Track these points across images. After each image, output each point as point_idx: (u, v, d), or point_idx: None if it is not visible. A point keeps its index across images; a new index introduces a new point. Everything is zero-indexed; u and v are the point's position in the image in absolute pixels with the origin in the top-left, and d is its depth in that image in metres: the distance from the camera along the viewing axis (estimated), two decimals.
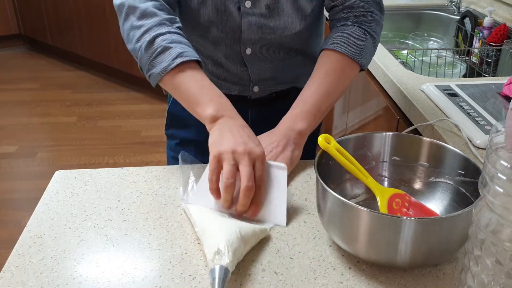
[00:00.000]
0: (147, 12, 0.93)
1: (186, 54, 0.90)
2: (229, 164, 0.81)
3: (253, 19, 1.01)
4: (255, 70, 1.10)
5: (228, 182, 0.80)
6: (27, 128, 3.24)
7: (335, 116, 2.12)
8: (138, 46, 0.92)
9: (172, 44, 0.90)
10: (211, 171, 0.82)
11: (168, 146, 1.25)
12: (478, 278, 0.60)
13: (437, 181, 0.83)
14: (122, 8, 0.95)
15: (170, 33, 0.92)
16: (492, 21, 1.72)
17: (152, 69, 0.92)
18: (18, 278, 0.72)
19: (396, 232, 0.66)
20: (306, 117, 0.96)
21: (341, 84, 1.01)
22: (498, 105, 1.20)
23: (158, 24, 0.92)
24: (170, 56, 0.90)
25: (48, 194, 0.91)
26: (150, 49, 0.91)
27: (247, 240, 0.75)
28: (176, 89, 0.92)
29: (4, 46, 4.43)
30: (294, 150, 0.94)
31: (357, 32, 1.01)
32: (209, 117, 0.88)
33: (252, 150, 0.82)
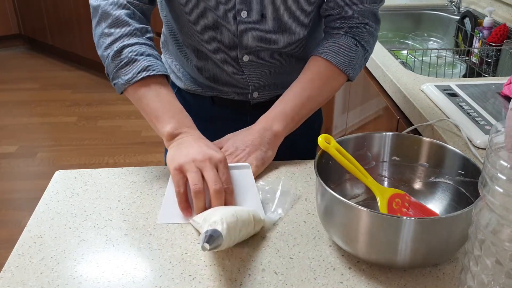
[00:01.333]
0: (119, 21, 0.92)
1: (152, 68, 0.91)
2: (193, 172, 0.81)
3: (249, 29, 1.01)
4: (253, 76, 1.09)
5: (197, 187, 0.80)
6: (27, 128, 3.24)
7: (335, 116, 2.12)
8: (106, 54, 0.93)
9: (139, 57, 0.91)
10: (176, 183, 0.82)
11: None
12: (478, 278, 0.60)
13: (437, 181, 0.83)
14: (96, 12, 0.95)
15: (139, 44, 0.92)
16: (492, 21, 1.72)
17: (116, 79, 0.93)
18: (18, 278, 0.72)
19: (396, 232, 0.66)
20: (285, 119, 0.97)
21: (325, 91, 1.01)
22: (498, 105, 1.20)
23: (128, 34, 0.92)
24: (136, 68, 0.90)
25: (48, 194, 0.91)
26: (116, 59, 0.91)
27: (242, 222, 0.75)
28: (138, 102, 0.93)
29: (4, 46, 4.44)
30: (267, 150, 0.95)
31: (349, 43, 1.00)
32: (167, 134, 0.89)
33: (212, 155, 0.83)
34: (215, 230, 0.69)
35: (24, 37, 4.44)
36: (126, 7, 0.94)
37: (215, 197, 0.81)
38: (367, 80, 1.62)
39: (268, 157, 0.95)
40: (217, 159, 0.83)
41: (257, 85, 1.11)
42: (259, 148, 0.94)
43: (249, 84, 1.10)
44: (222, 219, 0.72)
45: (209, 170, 0.81)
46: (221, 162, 0.84)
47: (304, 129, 1.18)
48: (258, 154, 0.94)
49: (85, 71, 3.99)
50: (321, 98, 1.02)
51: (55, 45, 4.17)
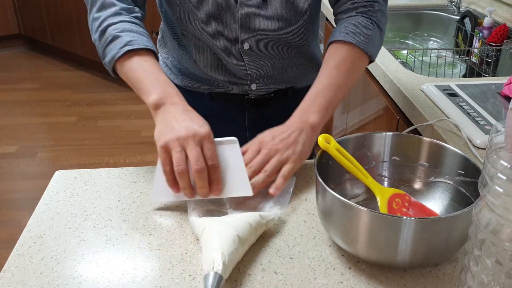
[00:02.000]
0: (106, 3, 0.96)
1: (135, 42, 0.92)
2: (176, 151, 0.81)
3: (250, 12, 1.01)
4: (253, 66, 1.09)
5: (179, 169, 0.80)
6: (27, 128, 3.24)
7: (335, 116, 2.12)
8: (96, 36, 0.96)
9: (122, 33, 0.92)
10: (162, 162, 0.83)
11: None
12: (478, 278, 0.60)
13: (437, 181, 0.83)
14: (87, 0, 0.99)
15: (123, 22, 0.94)
16: (492, 21, 1.72)
17: (105, 58, 0.94)
18: (18, 278, 0.72)
19: (396, 232, 0.66)
20: (319, 110, 0.94)
21: (352, 76, 0.99)
22: (498, 105, 1.20)
23: (113, 14, 0.95)
24: (119, 44, 0.92)
25: (48, 194, 0.91)
26: (102, 39, 0.94)
27: (245, 240, 0.75)
28: (126, 77, 0.94)
29: (4, 46, 4.43)
30: (304, 144, 0.90)
31: (364, 22, 1.00)
32: (152, 103, 0.89)
33: (196, 131, 0.82)
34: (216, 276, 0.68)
35: (24, 37, 4.44)
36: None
37: (197, 177, 0.80)
38: (367, 80, 1.62)
39: (305, 153, 0.91)
40: (201, 135, 0.82)
41: (256, 76, 1.11)
42: (297, 141, 0.90)
43: (248, 73, 1.10)
44: (222, 253, 0.70)
45: (192, 149, 0.81)
46: (206, 138, 0.83)
47: None
48: (296, 148, 0.89)
49: (85, 71, 3.99)
50: (350, 84, 1.00)
51: (55, 45, 4.17)
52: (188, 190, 0.82)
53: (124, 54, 0.91)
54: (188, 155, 0.81)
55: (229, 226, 0.76)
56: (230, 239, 0.73)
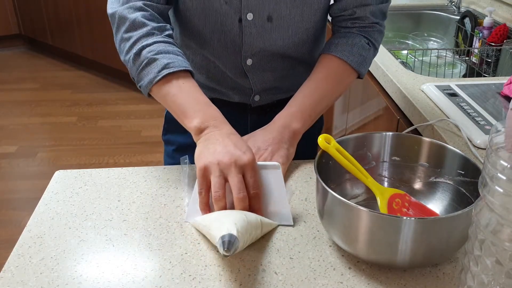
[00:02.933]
0: (136, 23, 0.92)
1: (173, 64, 0.89)
2: (216, 176, 0.79)
3: (254, 31, 1.00)
4: (256, 80, 1.09)
5: (217, 195, 0.79)
6: (27, 128, 3.24)
7: (335, 116, 2.12)
8: (128, 58, 0.92)
9: (158, 56, 0.89)
10: (199, 185, 0.81)
11: (166, 152, 1.23)
12: (478, 278, 0.60)
13: (437, 181, 0.83)
14: (114, 19, 0.95)
15: (158, 43, 0.91)
16: (492, 21, 1.72)
17: (140, 81, 0.92)
18: (18, 278, 0.72)
19: (396, 232, 0.66)
20: (302, 117, 0.97)
21: (339, 89, 1.03)
22: (498, 105, 1.20)
23: (146, 34, 0.91)
24: (156, 68, 0.89)
25: (48, 194, 0.91)
26: (137, 62, 0.91)
27: (252, 225, 0.75)
28: (164, 100, 0.92)
29: (4, 46, 4.43)
30: (289, 147, 0.94)
31: (362, 42, 1.02)
32: (194, 129, 0.87)
33: (239, 158, 0.80)
34: (231, 234, 0.69)
35: (24, 37, 4.44)
36: (142, 9, 0.93)
37: (238, 205, 0.79)
38: (367, 80, 1.62)
39: (290, 154, 0.95)
40: (243, 162, 0.80)
41: (260, 89, 1.10)
42: (281, 146, 0.93)
43: (252, 87, 1.09)
44: (235, 223, 0.71)
45: (234, 176, 0.79)
46: (249, 165, 0.80)
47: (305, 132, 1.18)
48: (282, 152, 0.93)
49: (85, 71, 3.99)
50: (335, 95, 1.04)
51: (55, 45, 4.17)
52: None
53: (162, 78, 0.89)
54: (230, 183, 0.79)
55: (238, 212, 0.77)
56: (240, 218, 0.73)
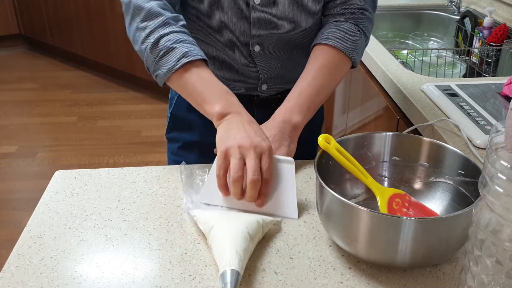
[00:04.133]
0: (152, 12, 0.93)
1: (191, 53, 0.91)
2: (236, 159, 0.82)
3: (262, 15, 1.02)
4: (264, 67, 1.10)
5: (236, 176, 0.81)
6: (27, 128, 3.24)
7: (335, 116, 2.12)
8: (144, 47, 0.93)
9: (177, 44, 0.91)
10: (218, 166, 0.83)
11: (170, 150, 1.24)
12: (478, 278, 0.60)
13: (437, 181, 0.83)
14: (128, 8, 0.96)
15: (175, 32, 0.93)
16: (492, 21, 1.72)
17: (158, 70, 0.93)
18: (18, 278, 0.72)
19: (396, 232, 0.66)
20: (301, 110, 0.98)
21: (335, 78, 1.03)
22: (498, 105, 1.20)
23: (162, 24, 0.93)
24: (175, 56, 0.90)
25: (48, 194, 0.91)
26: (155, 51, 0.92)
27: (254, 236, 0.76)
28: (183, 88, 0.93)
29: (4, 46, 4.43)
30: (290, 144, 0.95)
31: (352, 29, 1.03)
32: (216, 114, 0.89)
33: (258, 144, 0.83)
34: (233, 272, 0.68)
35: (24, 37, 4.44)
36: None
37: (250, 187, 0.81)
38: (367, 80, 1.62)
39: (291, 151, 0.96)
40: (262, 148, 0.83)
41: (267, 77, 1.11)
42: (282, 143, 0.94)
43: (259, 75, 1.10)
44: (236, 251, 0.71)
45: (252, 159, 0.82)
46: (266, 151, 0.84)
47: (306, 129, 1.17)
48: (282, 150, 0.94)
49: (85, 71, 3.99)
50: (332, 85, 1.04)
51: (55, 45, 4.17)
52: (238, 197, 0.83)
53: (181, 66, 0.90)
54: (247, 165, 0.82)
55: (239, 223, 0.77)
56: (242, 236, 0.74)
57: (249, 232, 0.75)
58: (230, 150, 0.83)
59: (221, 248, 0.72)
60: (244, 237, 0.74)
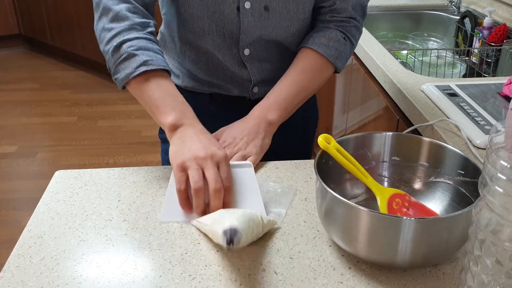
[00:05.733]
0: (119, 15, 0.93)
1: (151, 62, 0.91)
2: (194, 169, 0.81)
3: (252, 20, 1.02)
4: (255, 70, 1.10)
5: (197, 185, 0.80)
6: (27, 128, 3.24)
7: (335, 116, 2.12)
8: (107, 49, 0.93)
9: (138, 51, 0.91)
10: (177, 181, 0.82)
11: (163, 150, 1.25)
12: (478, 278, 0.60)
13: (437, 181, 0.83)
14: (98, 7, 0.95)
15: (139, 39, 0.92)
16: (492, 21, 1.72)
17: (116, 74, 0.93)
18: (18, 278, 0.72)
19: (396, 232, 0.66)
20: (278, 108, 0.99)
21: (315, 82, 1.05)
22: (498, 105, 1.20)
23: (128, 28, 0.92)
24: (134, 63, 0.90)
25: (48, 194, 0.91)
26: (116, 54, 0.92)
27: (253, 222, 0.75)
28: (140, 96, 0.93)
29: (4, 46, 4.43)
30: (264, 138, 0.97)
31: (338, 37, 1.04)
32: (169, 125, 0.89)
33: (214, 153, 0.84)
34: (232, 228, 0.69)
35: (24, 37, 4.44)
36: (126, 1, 0.94)
37: (214, 196, 0.81)
38: (367, 80, 1.62)
39: (265, 145, 0.97)
40: (219, 157, 0.84)
41: (258, 80, 1.11)
42: (256, 136, 0.96)
43: (251, 78, 1.10)
44: (237, 218, 0.72)
45: (210, 168, 0.82)
46: (223, 160, 0.84)
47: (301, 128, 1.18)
48: (256, 142, 0.96)
49: (85, 71, 3.99)
50: (312, 88, 1.06)
51: (55, 45, 4.17)
52: (201, 209, 0.82)
53: (139, 74, 0.91)
54: (206, 175, 0.81)
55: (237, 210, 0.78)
56: (240, 214, 0.74)
57: (249, 217, 0.75)
58: (187, 163, 0.82)
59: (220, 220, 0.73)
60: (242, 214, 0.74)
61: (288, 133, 1.11)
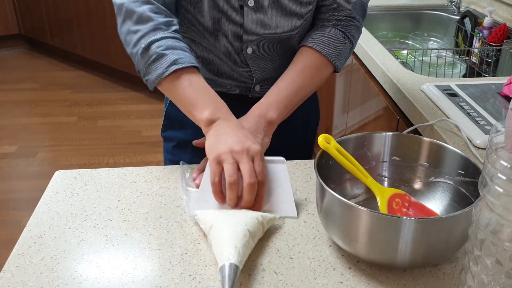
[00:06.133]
0: (143, 17, 0.93)
1: (181, 60, 0.91)
2: (229, 163, 0.82)
3: (255, 18, 1.02)
4: (257, 69, 1.10)
5: (232, 179, 0.81)
6: (27, 128, 3.24)
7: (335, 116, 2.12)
8: (135, 51, 0.93)
9: (167, 51, 0.91)
10: (212, 173, 0.83)
11: (165, 149, 1.25)
12: (478, 278, 0.60)
13: (437, 181, 0.83)
14: (120, 10, 0.96)
15: (166, 38, 0.93)
16: (492, 21, 1.72)
17: (147, 75, 0.93)
18: (18, 278, 0.72)
19: (396, 232, 0.66)
20: (278, 107, 0.99)
21: (315, 81, 1.05)
22: (498, 105, 1.20)
23: (153, 29, 0.93)
24: (165, 63, 0.91)
25: (48, 194, 0.91)
26: (145, 56, 0.92)
27: (254, 234, 0.76)
28: (173, 95, 0.94)
29: (4, 46, 4.43)
30: (264, 137, 0.96)
31: (338, 36, 1.04)
32: (205, 120, 0.89)
33: (250, 147, 0.84)
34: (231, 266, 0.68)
35: (24, 37, 4.44)
36: (149, 2, 0.94)
37: (247, 190, 0.81)
38: (367, 80, 1.62)
39: (265, 144, 0.97)
40: (254, 151, 0.84)
41: (260, 78, 1.11)
42: (255, 135, 0.95)
43: (253, 77, 1.10)
44: (236, 246, 0.71)
45: (245, 162, 0.82)
46: (258, 154, 0.84)
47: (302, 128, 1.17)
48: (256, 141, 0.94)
49: (85, 71, 3.99)
50: (312, 87, 1.05)
51: (55, 45, 4.17)
52: (234, 201, 0.83)
53: (171, 73, 0.91)
54: (241, 169, 0.82)
55: (238, 220, 0.77)
56: (241, 233, 0.74)
57: (249, 229, 0.75)
58: (222, 156, 0.83)
59: (220, 244, 0.73)
60: (243, 234, 0.74)
61: (289, 132, 1.11)
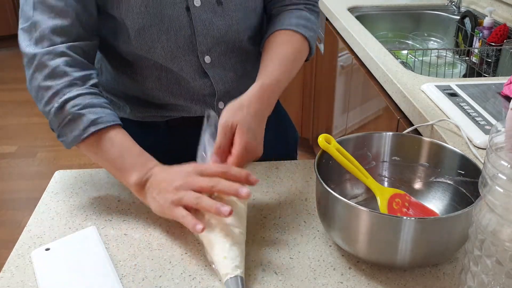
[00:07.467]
0: (56, 72, 0.84)
1: (100, 120, 0.82)
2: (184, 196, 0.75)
3: (205, 18, 0.93)
4: (218, 80, 1.00)
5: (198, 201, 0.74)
6: (27, 128, 3.24)
7: (335, 116, 2.12)
8: (47, 109, 0.85)
9: (84, 110, 0.82)
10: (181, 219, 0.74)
11: None
12: (478, 278, 0.60)
13: (437, 181, 0.83)
14: (31, 62, 0.85)
15: (82, 95, 0.83)
16: (492, 21, 1.72)
17: (63, 137, 0.85)
18: (18, 278, 0.72)
19: (396, 232, 0.66)
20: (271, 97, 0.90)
21: (297, 67, 0.98)
22: (498, 105, 1.20)
23: (68, 85, 0.83)
24: (82, 124, 0.82)
25: (48, 194, 0.91)
26: (59, 116, 0.83)
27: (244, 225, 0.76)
28: (94, 156, 0.85)
29: (4, 46, 4.44)
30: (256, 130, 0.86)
31: (312, 18, 1.01)
32: (134, 186, 0.81)
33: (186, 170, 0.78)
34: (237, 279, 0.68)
35: None
36: (63, 54, 0.84)
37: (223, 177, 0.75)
38: (367, 80, 1.62)
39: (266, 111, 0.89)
40: (195, 167, 0.78)
41: (223, 91, 1.01)
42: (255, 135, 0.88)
43: (215, 90, 1.00)
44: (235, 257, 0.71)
45: (199, 180, 0.76)
46: (198, 168, 0.78)
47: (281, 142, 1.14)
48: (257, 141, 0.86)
49: None
50: (294, 74, 0.97)
51: None
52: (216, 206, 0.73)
53: (89, 136, 0.82)
54: (201, 185, 0.75)
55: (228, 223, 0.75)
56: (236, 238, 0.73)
57: (241, 231, 0.74)
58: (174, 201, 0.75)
59: (217, 255, 0.71)
60: (238, 239, 0.73)
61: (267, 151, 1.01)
